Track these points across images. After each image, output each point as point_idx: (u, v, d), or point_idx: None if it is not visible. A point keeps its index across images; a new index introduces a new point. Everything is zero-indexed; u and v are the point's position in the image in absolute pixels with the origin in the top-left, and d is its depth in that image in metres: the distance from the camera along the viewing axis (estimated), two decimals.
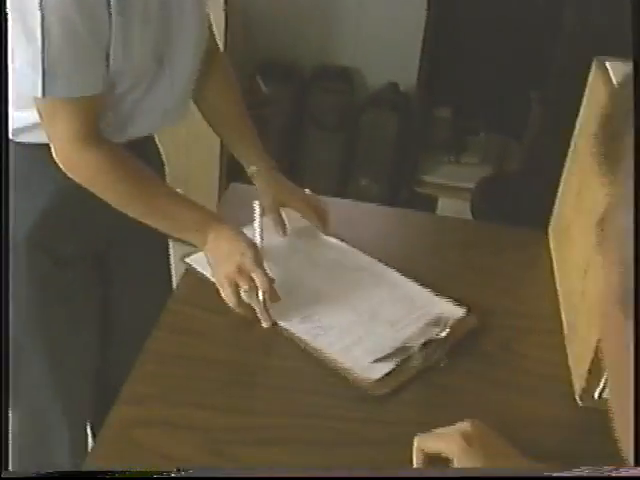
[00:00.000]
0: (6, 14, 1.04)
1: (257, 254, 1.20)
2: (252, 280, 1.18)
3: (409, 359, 1.15)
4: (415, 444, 0.92)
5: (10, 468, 1.65)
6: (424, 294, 1.30)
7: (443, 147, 3.08)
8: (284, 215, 1.41)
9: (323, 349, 1.16)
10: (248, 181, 1.44)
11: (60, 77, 1.09)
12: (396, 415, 1.08)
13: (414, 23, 2.84)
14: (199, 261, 1.28)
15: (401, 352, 1.16)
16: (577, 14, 2.15)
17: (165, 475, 0.67)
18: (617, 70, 1.22)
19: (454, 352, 1.17)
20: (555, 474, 0.74)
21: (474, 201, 2.44)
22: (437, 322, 1.22)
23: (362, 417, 1.08)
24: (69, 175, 1.19)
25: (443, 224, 1.71)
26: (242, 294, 1.19)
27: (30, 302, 1.32)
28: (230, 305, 1.19)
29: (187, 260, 1.31)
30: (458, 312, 1.26)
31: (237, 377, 1.14)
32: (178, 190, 1.31)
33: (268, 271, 1.20)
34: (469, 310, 1.26)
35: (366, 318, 1.23)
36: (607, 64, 1.25)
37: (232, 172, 1.48)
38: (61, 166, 1.18)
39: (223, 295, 1.20)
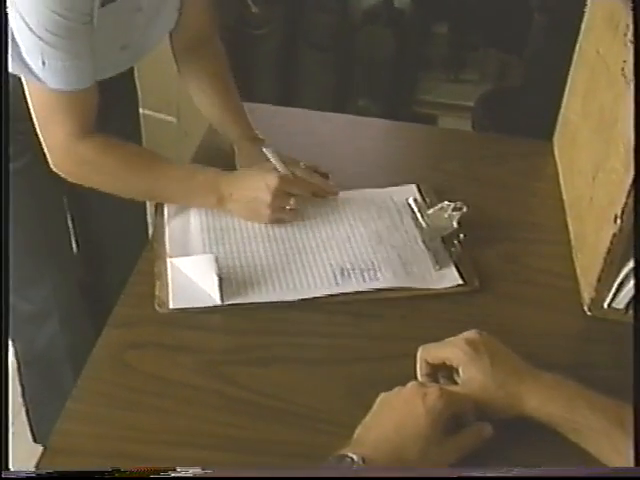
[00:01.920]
0: (6, 14, 1.02)
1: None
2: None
3: (452, 247, 1.16)
4: (419, 354, 0.89)
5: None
6: (371, 193, 1.28)
7: (441, 64, 3.00)
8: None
9: (392, 284, 1.09)
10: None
11: (60, 70, 1.08)
12: (396, 331, 1.05)
13: None
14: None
15: (443, 246, 1.16)
16: None
17: (165, 475, 0.66)
18: None
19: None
20: (556, 472, 0.72)
21: (475, 116, 2.39)
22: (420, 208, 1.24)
23: (360, 333, 1.04)
24: (64, 176, 1.19)
25: (444, 136, 1.66)
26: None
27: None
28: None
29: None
30: (413, 189, 1.30)
31: None
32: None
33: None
34: (418, 186, 1.30)
35: (374, 239, 1.18)
36: None
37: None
38: (53, 167, 1.17)
39: (276, 218, 1.19)
